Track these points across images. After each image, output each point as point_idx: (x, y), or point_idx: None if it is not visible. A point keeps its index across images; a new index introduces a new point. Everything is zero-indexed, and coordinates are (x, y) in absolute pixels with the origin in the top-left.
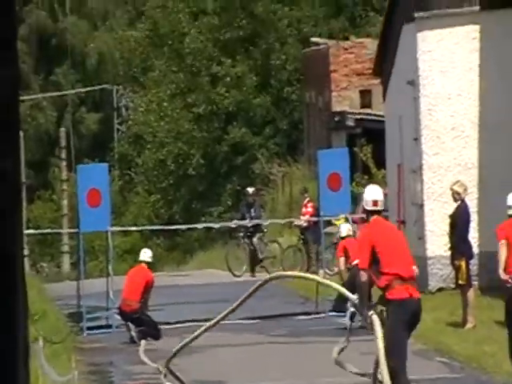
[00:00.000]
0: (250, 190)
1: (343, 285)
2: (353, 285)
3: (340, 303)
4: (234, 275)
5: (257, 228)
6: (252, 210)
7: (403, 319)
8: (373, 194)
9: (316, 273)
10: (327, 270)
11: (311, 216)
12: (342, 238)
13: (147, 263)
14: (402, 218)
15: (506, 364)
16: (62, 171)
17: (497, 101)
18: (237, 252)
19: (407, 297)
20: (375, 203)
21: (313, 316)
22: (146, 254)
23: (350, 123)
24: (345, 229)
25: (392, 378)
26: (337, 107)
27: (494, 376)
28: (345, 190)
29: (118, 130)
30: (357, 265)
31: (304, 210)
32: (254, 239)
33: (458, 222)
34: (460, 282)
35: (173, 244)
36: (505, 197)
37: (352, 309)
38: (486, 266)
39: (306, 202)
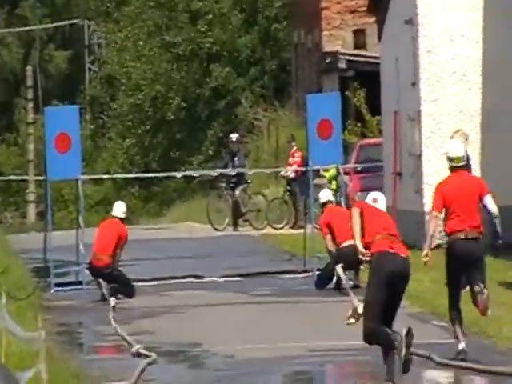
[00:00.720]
0: (234, 136)
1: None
2: (351, 264)
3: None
4: (216, 229)
5: (240, 178)
6: (235, 159)
7: (381, 275)
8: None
9: (303, 227)
10: (315, 225)
11: (299, 166)
12: (323, 206)
13: (120, 219)
14: (398, 169)
15: (509, 329)
16: (28, 113)
17: (502, 42)
18: (218, 204)
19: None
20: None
21: (300, 275)
22: (119, 209)
23: (342, 65)
24: (324, 195)
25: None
26: (328, 47)
27: (496, 342)
28: (336, 139)
29: (90, 69)
30: (349, 245)
31: (291, 159)
32: (237, 191)
33: None
34: None
35: (149, 194)
36: (509, 148)
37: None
38: (488, 223)
39: (293, 150)
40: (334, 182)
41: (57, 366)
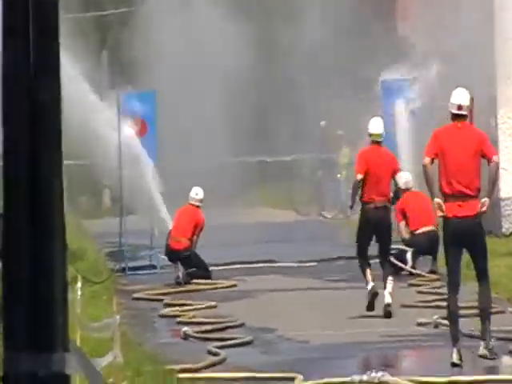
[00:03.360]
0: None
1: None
2: (423, 251)
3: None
4: (301, 214)
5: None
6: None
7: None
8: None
9: None
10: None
11: None
12: (402, 192)
13: (197, 206)
14: None
15: None
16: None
17: None
18: (303, 189)
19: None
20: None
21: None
22: (196, 196)
23: None
24: (403, 178)
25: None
26: None
27: None
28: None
29: None
30: (423, 232)
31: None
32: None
33: None
34: None
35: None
36: None
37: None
38: None
39: None
40: (343, 173)
41: (132, 350)
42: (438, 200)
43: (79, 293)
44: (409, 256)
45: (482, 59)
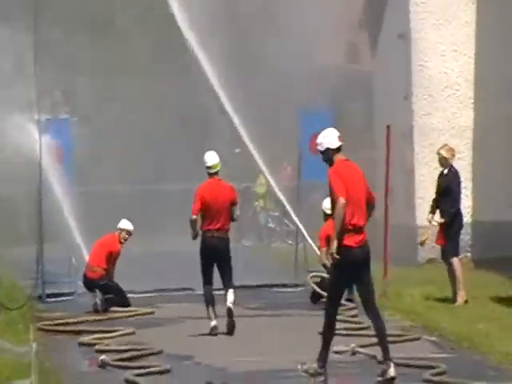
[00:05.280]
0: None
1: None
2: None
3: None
4: None
5: None
6: None
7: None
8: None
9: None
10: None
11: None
12: (326, 218)
13: (118, 235)
14: (391, 184)
15: (501, 344)
16: None
17: (495, 57)
18: None
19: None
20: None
21: (291, 289)
22: (122, 226)
23: None
24: (329, 204)
25: None
26: None
27: (487, 356)
28: None
29: None
30: None
31: (283, 173)
32: None
33: (451, 189)
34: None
35: None
36: (502, 162)
37: None
38: (479, 238)
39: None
40: (260, 201)
41: (48, 378)
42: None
43: None
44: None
45: (400, 86)
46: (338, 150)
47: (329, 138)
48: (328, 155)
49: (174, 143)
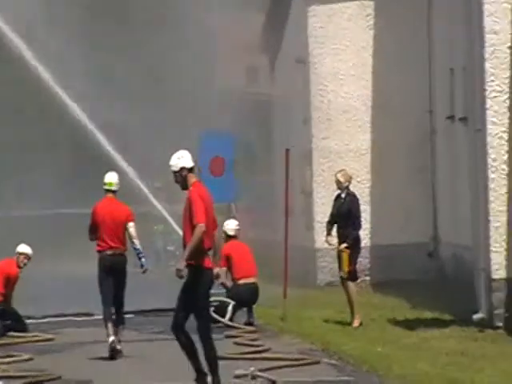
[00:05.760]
0: None
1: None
2: (243, 303)
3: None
4: None
5: None
6: None
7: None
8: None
9: None
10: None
11: None
12: (227, 239)
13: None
14: (290, 207)
15: (399, 366)
16: None
17: (391, 82)
18: None
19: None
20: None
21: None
22: (20, 250)
23: None
24: (232, 225)
25: None
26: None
27: (386, 379)
28: (228, 176)
29: None
30: (246, 283)
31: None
32: None
33: (351, 213)
34: (341, 274)
35: None
36: (400, 186)
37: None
38: (377, 261)
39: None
40: (160, 225)
41: None
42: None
43: None
44: (230, 308)
45: (299, 109)
46: (192, 170)
47: (184, 159)
48: (182, 175)
49: (70, 168)
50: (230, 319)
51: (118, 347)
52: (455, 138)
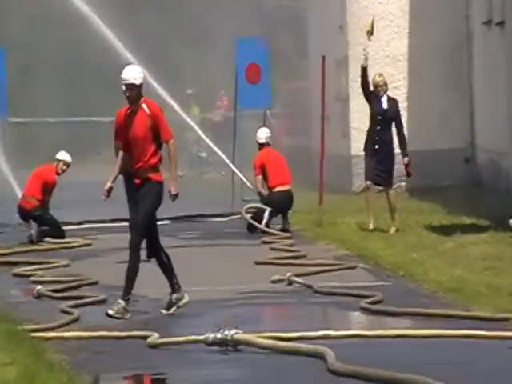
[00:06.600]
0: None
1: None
2: (279, 210)
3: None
4: None
5: None
6: None
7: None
8: None
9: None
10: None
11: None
12: (261, 147)
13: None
14: (326, 113)
15: (435, 272)
16: None
17: None
18: None
19: None
20: None
21: (227, 218)
22: (60, 157)
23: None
24: (264, 133)
25: None
26: None
27: (422, 284)
28: (264, 83)
29: None
30: (280, 191)
31: (219, 103)
32: None
33: (395, 117)
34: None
35: None
36: (438, 92)
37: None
38: (414, 167)
39: (221, 94)
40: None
41: None
42: None
43: None
44: (266, 214)
45: (335, 16)
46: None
47: (141, 75)
48: (138, 89)
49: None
50: (267, 225)
51: None
52: (492, 42)
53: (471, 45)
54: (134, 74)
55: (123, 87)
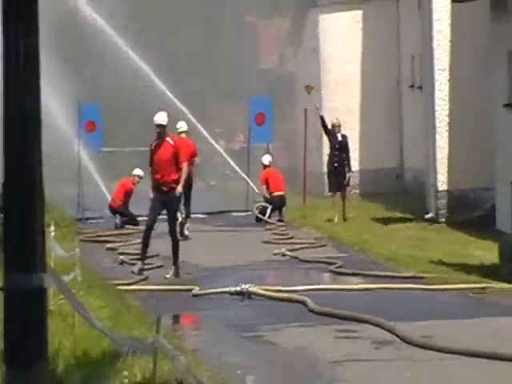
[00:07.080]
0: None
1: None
2: (277, 207)
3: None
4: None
5: None
6: None
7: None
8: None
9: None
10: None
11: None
12: (264, 167)
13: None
14: (308, 145)
15: (378, 247)
16: None
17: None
18: None
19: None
20: None
21: (244, 213)
22: (135, 172)
23: None
24: (267, 159)
25: None
26: None
27: (369, 255)
28: (267, 125)
29: None
30: (278, 195)
31: (237, 138)
32: None
33: (346, 147)
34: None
35: None
36: (378, 132)
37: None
38: (364, 180)
39: (238, 133)
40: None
41: (87, 271)
42: None
43: (52, 233)
44: (268, 210)
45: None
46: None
47: (167, 118)
48: (165, 129)
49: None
50: (269, 217)
51: (186, 232)
52: (414, 100)
53: (402, 101)
54: (162, 117)
55: (156, 126)
